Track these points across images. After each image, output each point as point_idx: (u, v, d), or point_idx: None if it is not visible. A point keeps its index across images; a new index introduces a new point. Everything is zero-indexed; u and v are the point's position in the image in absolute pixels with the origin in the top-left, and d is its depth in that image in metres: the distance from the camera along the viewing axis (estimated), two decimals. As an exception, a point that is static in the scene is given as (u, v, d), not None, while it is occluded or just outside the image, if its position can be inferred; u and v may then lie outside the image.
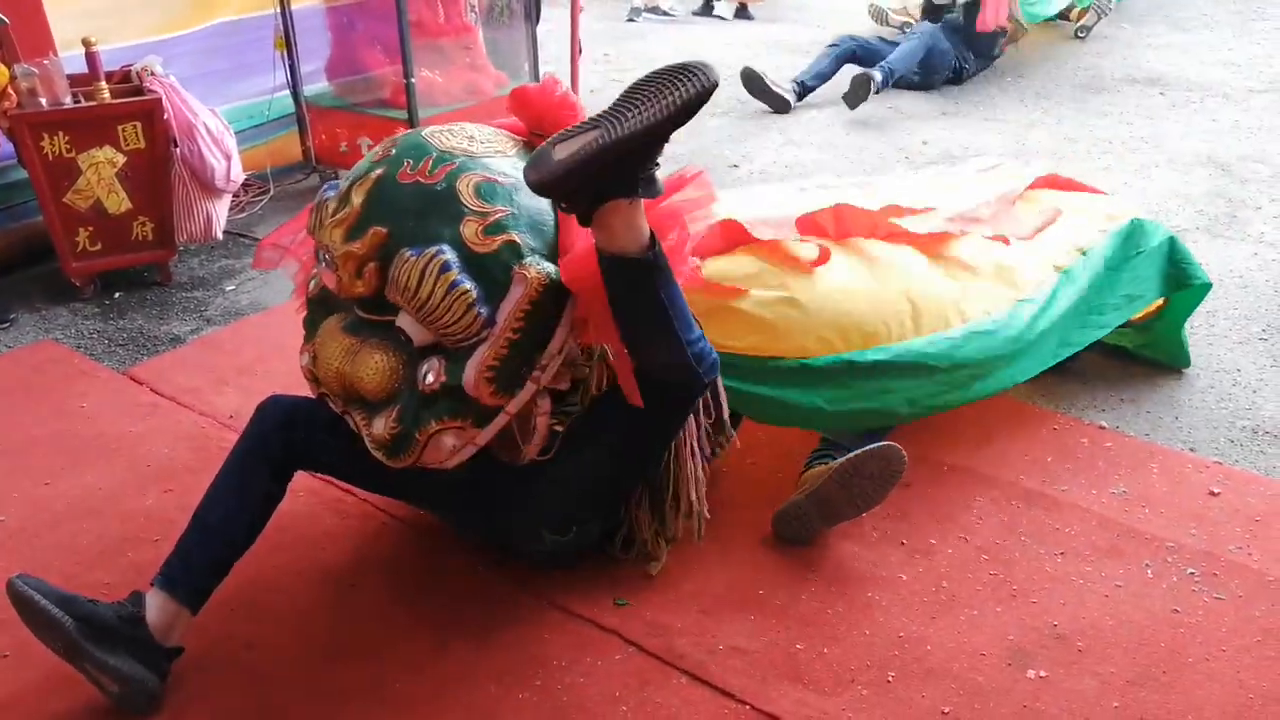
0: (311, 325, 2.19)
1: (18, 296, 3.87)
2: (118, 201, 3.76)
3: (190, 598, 2.12)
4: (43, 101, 3.57)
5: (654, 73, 1.85)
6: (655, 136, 1.81)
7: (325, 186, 2.15)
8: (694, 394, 2.17)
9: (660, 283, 1.97)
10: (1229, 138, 5.53)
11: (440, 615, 2.33)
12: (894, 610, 2.33)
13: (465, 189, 2.00)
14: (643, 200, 1.91)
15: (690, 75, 1.80)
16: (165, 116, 3.73)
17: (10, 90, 3.54)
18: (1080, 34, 7.51)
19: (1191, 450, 2.89)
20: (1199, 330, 3.51)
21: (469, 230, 1.96)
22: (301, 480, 2.60)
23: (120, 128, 3.68)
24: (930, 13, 6.56)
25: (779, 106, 6.21)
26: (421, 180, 2.00)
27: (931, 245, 2.77)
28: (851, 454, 2.39)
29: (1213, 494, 2.69)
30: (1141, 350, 3.29)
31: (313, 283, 2.22)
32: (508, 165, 2.06)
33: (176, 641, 2.11)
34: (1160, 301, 3.20)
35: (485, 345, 1.97)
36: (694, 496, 2.38)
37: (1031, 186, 3.20)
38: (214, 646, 2.23)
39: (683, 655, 2.20)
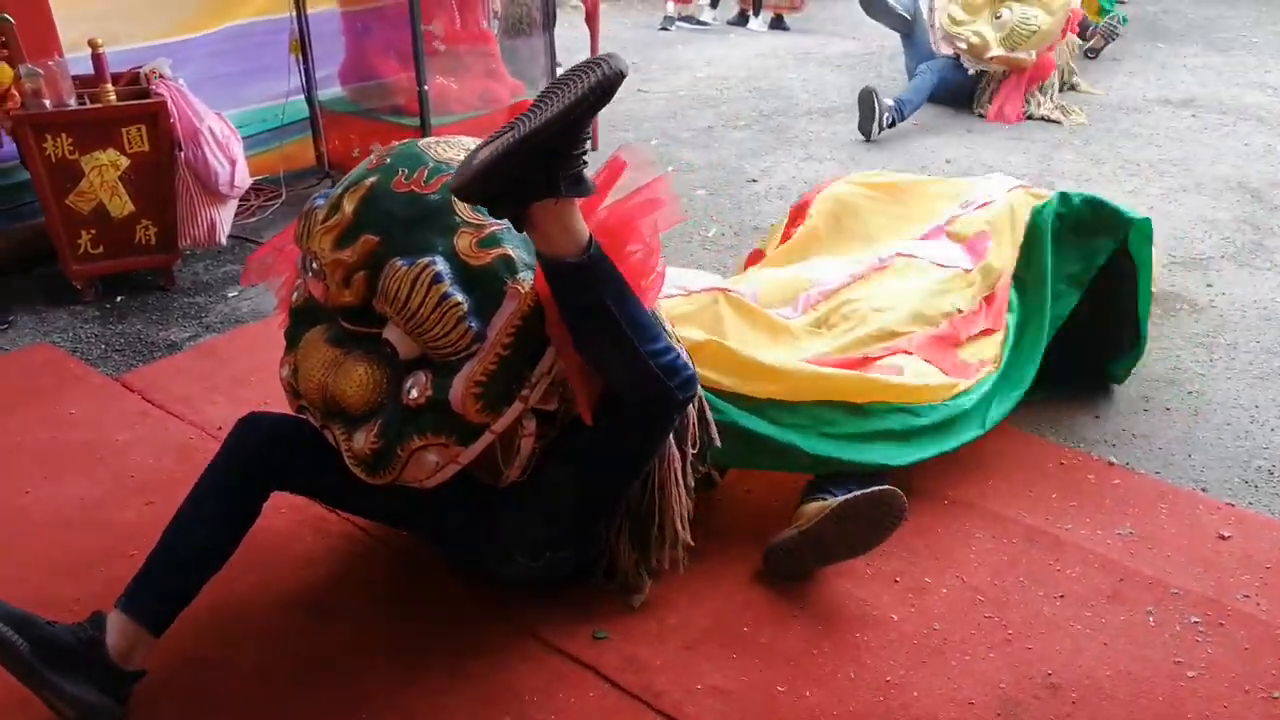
0: (293, 337, 2.16)
1: (18, 298, 3.84)
2: (120, 205, 3.73)
3: (153, 621, 2.05)
4: (47, 103, 3.54)
5: (565, 72, 1.82)
6: (566, 128, 1.76)
7: (315, 195, 2.10)
8: (669, 411, 2.09)
9: (605, 287, 1.92)
10: (1261, 163, 5.40)
11: (415, 641, 2.27)
12: (882, 653, 2.24)
13: (461, 202, 1.96)
14: (575, 201, 1.87)
15: (596, 65, 1.76)
16: (170, 120, 3.69)
17: (14, 90, 3.51)
18: (1090, 55, 7.41)
19: (1203, 490, 2.79)
20: (1218, 364, 3.40)
21: (463, 242, 1.93)
22: (284, 498, 2.55)
23: (124, 130, 3.65)
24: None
25: (900, 26, 6.49)
26: (416, 190, 1.97)
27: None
28: (850, 495, 2.31)
29: (1223, 538, 2.59)
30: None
31: (296, 293, 2.18)
32: None
33: (138, 665, 2.05)
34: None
35: (474, 360, 1.93)
36: (678, 526, 2.31)
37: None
38: (180, 668, 2.18)
39: (660, 694, 2.13)
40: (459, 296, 1.90)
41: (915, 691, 2.14)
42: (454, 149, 2.07)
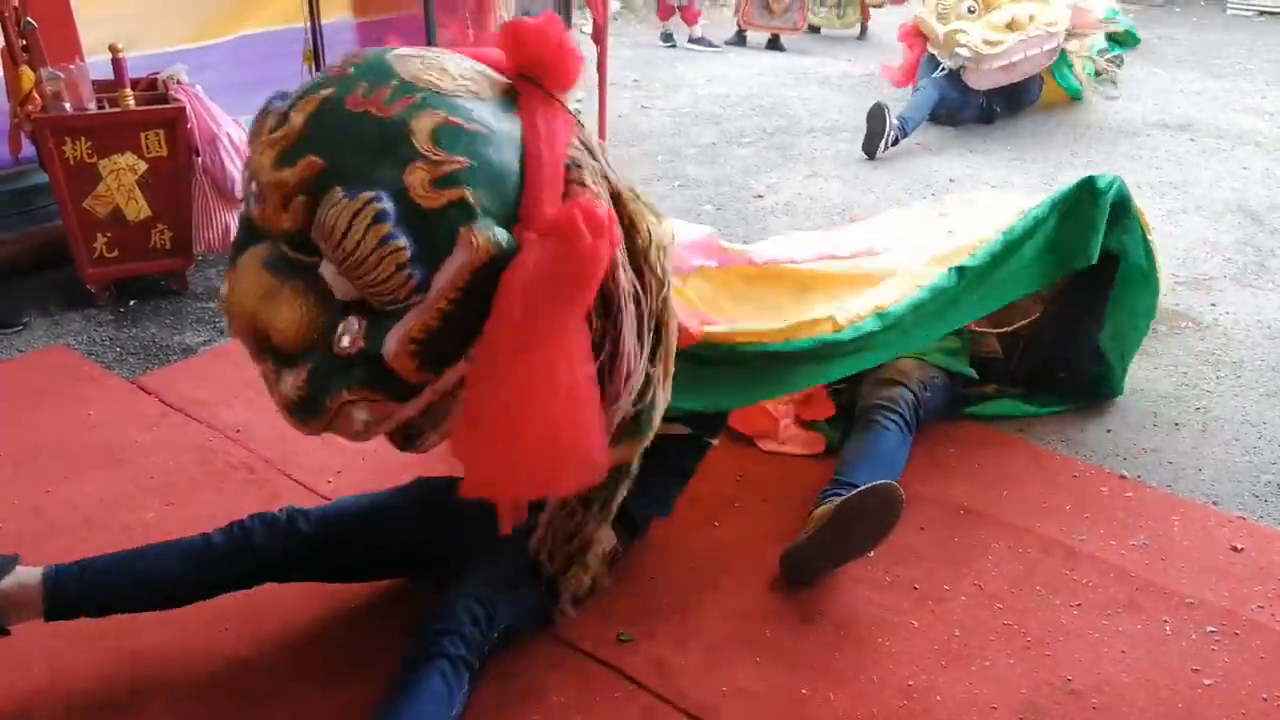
0: (236, 250, 1.91)
1: (32, 300, 3.85)
2: (137, 209, 3.74)
3: (55, 608, 2.04)
4: (67, 106, 3.56)
5: None
6: None
7: (274, 95, 1.88)
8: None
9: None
10: (1260, 187, 5.47)
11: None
12: (904, 658, 2.27)
13: (421, 130, 1.71)
14: None
15: None
16: (188, 125, 3.72)
17: (35, 94, 3.53)
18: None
19: (1214, 504, 2.83)
20: (1224, 381, 3.45)
21: (415, 179, 1.69)
22: (308, 497, 2.58)
23: (143, 135, 3.66)
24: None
25: (870, 148, 5.92)
26: (372, 111, 1.72)
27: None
28: (850, 494, 2.35)
29: (1235, 549, 2.63)
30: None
31: (245, 201, 1.93)
32: (481, 110, 1.77)
33: (6, 624, 2.02)
34: None
35: (414, 312, 1.73)
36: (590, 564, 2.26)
37: None
38: (206, 663, 2.19)
39: (685, 695, 2.14)
40: (402, 240, 1.67)
41: (938, 695, 2.16)
42: (426, 66, 1.80)
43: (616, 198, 1.89)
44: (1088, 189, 2.89)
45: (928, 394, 2.89)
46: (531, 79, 1.86)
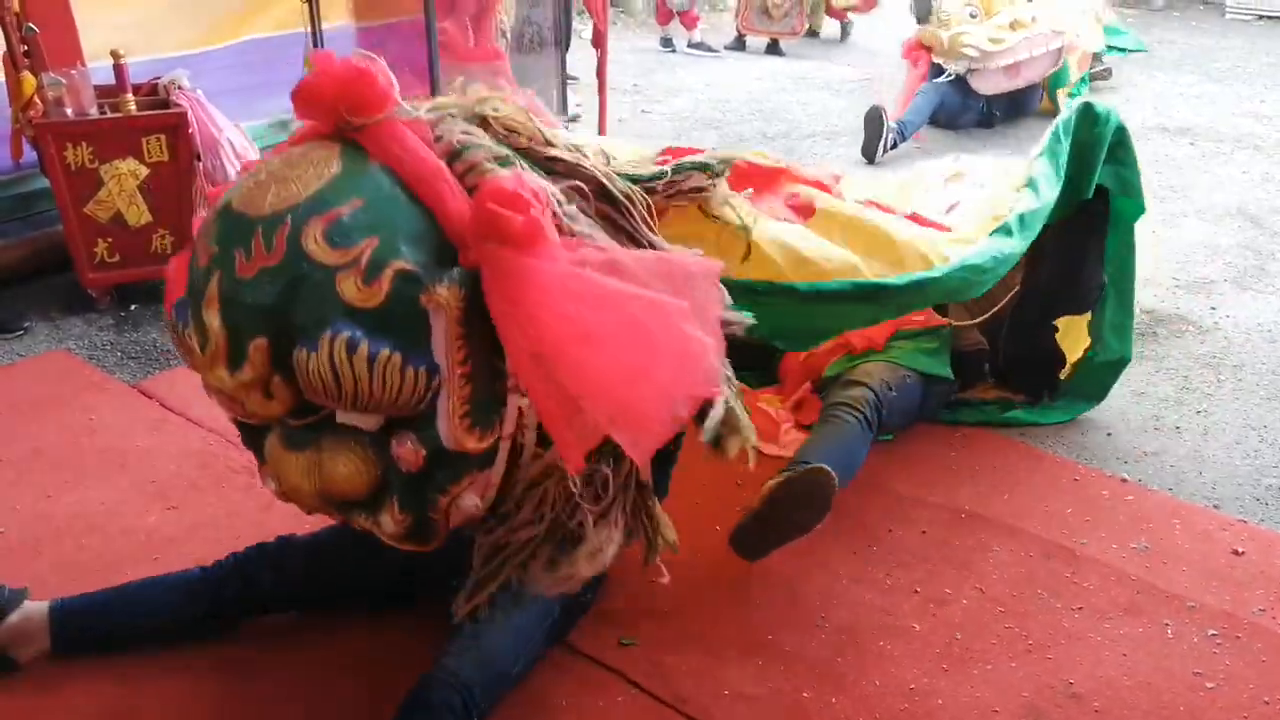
0: (254, 446, 1.92)
1: (33, 305, 3.86)
2: (138, 214, 3.74)
3: (64, 643, 2.13)
4: (68, 111, 3.57)
5: None
6: None
7: (176, 315, 1.77)
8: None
9: None
10: (1259, 190, 5.48)
11: (441, 644, 2.27)
12: (905, 661, 2.27)
13: (315, 246, 1.62)
14: None
15: None
16: (190, 130, 3.72)
17: (36, 99, 3.53)
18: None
19: (1215, 507, 2.83)
20: (1225, 384, 3.45)
21: (348, 288, 1.62)
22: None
23: (144, 140, 3.67)
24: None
25: (869, 151, 5.97)
26: (266, 265, 1.64)
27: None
28: (781, 477, 2.39)
29: (1236, 553, 2.63)
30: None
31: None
32: (343, 186, 1.68)
33: (19, 658, 2.12)
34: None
35: (443, 397, 1.70)
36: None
37: None
38: (211, 663, 2.20)
39: (687, 700, 2.15)
40: (385, 348, 1.62)
41: (940, 699, 2.16)
42: (266, 190, 1.69)
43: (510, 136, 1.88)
44: (1086, 115, 2.89)
45: (892, 393, 2.87)
46: (352, 124, 1.74)
